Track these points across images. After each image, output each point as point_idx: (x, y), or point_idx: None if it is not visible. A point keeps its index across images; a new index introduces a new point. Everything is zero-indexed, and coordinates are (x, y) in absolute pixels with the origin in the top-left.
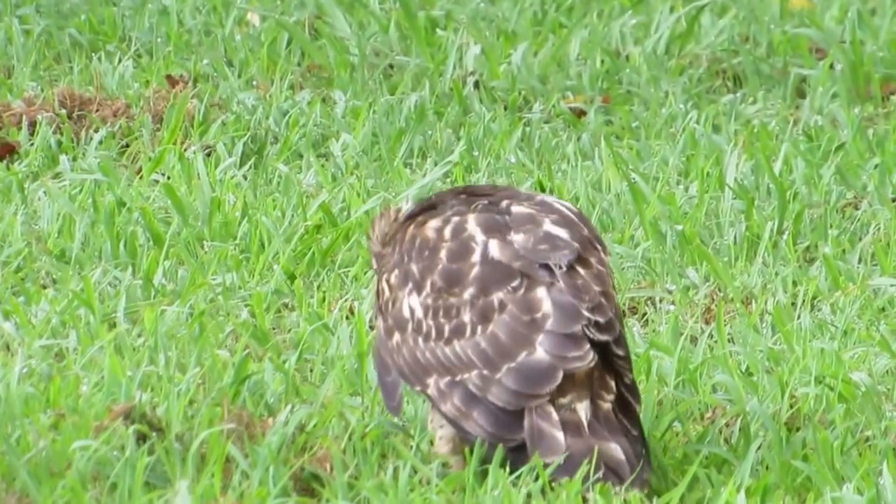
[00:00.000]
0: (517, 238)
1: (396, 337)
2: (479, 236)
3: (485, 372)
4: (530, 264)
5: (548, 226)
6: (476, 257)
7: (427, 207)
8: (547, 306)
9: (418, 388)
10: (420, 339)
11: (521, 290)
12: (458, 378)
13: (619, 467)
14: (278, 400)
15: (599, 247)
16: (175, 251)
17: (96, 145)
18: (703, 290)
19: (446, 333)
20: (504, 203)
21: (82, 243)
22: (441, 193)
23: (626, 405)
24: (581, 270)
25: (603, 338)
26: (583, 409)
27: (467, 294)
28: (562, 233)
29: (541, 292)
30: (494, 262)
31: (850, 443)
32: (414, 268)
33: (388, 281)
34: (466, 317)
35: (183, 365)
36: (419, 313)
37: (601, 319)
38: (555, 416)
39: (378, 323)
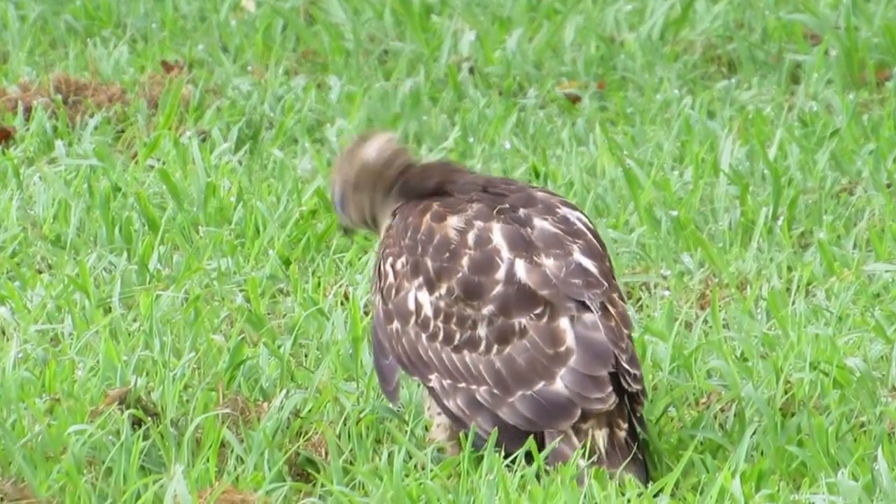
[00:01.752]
0: (548, 263)
1: (396, 324)
2: (505, 253)
3: (496, 391)
4: (558, 295)
5: (577, 255)
6: (500, 275)
7: (439, 192)
8: (570, 340)
9: (417, 379)
10: (424, 337)
11: (545, 319)
12: (461, 385)
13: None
14: (273, 385)
15: (613, 272)
16: (170, 236)
17: (91, 130)
18: (698, 276)
19: (456, 341)
20: (522, 212)
21: (78, 228)
22: (453, 170)
23: (633, 432)
24: (612, 309)
25: (636, 387)
26: (601, 437)
27: (486, 310)
28: (591, 266)
29: (564, 323)
30: (520, 285)
31: (844, 428)
32: (429, 263)
33: (392, 266)
34: (482, 332)
35: (178, 350)
36: (428, 311)
37: (637, 372)
38: (575, 439)
39: (376, 302)
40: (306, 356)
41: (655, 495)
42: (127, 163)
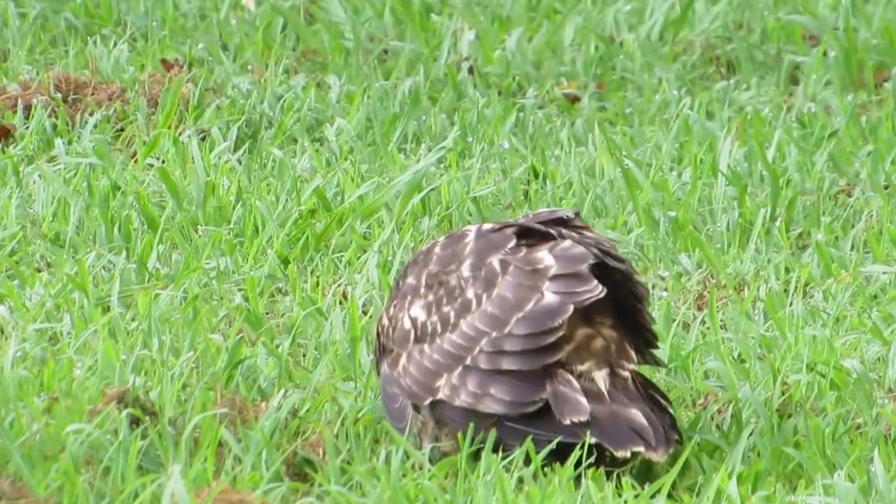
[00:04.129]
0: (518, 221)
1: (402, 361)
2: (473, 227)
3: (494, 334)
4: (528, 222)
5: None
6: (470, 238)
7: None
8: (549, 260)
9: (428, 401)
10: (426, 346)
11: (522, 252)
12: (468, 361)
13: (644, 431)
14: (271, 384)
15: None
16: (169, 235)
17: (91, 129)
18: (696, 277)
19: (452, 319)
20: None
21: (77, 227)
22: None
23: (654, 386)
24: (590, 234)
25: (620, 266)
26: (601, 378)
27: (466, 267)
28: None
29: (542, 251)
30: (490, 235)
31: (841, 430)
32: (411, 280)
33: (388, 314)
34: (470, 292)
35: (176, 349)
36: (422, 317)
37: (619, 254)
38: (575, 382)
39: (383, 366)
40: (304, 356)
41: (652, 496)
42: (126, 161)
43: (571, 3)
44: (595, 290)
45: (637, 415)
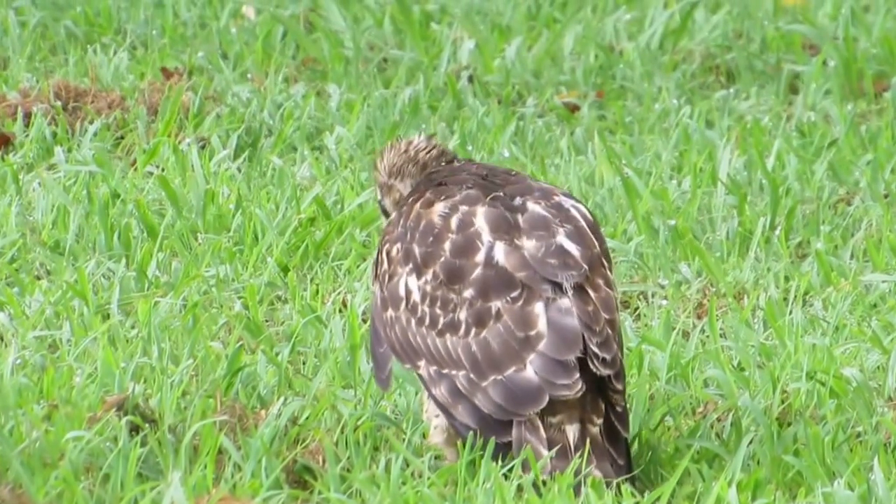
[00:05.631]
0: (528, 244)
1: (390, 311)
2: (486, 235)
3: (472, 376)
4: (535, 277)
5: (561, 238)
6: (480, 257)
7: (439, 183)
8: (542, 324)
9: (409, 367)
10: (413, 322)
11: (520, 303)
12: (444, 371)
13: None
14: (271, 392)
15: (607, 264)
16: (169, 243)
17: (91, 137)
18: (696, 285)
19: (440, 325)
20: (518, 200)
21: (76, 235)
22: (459, 167)
23: (614, 434)
24: (591, 293)
25: (606, 372)
26: (571, 431)
27: (467, 293)
28: (574, 249)
29: (538, 308)
30: (498, 268)
31: (841, 438)
32: (416, 249)
33: (388, 252)
34: (462, 314)
35: (176, 357)
36: (416, 296)
37: (607, 356)
38: (542, 432)
39: (374, 290)
40: (304, 364)
41: None
42: (126, 169)
43: (571, 12)
44: (574, 388)
45: (598, 475)
